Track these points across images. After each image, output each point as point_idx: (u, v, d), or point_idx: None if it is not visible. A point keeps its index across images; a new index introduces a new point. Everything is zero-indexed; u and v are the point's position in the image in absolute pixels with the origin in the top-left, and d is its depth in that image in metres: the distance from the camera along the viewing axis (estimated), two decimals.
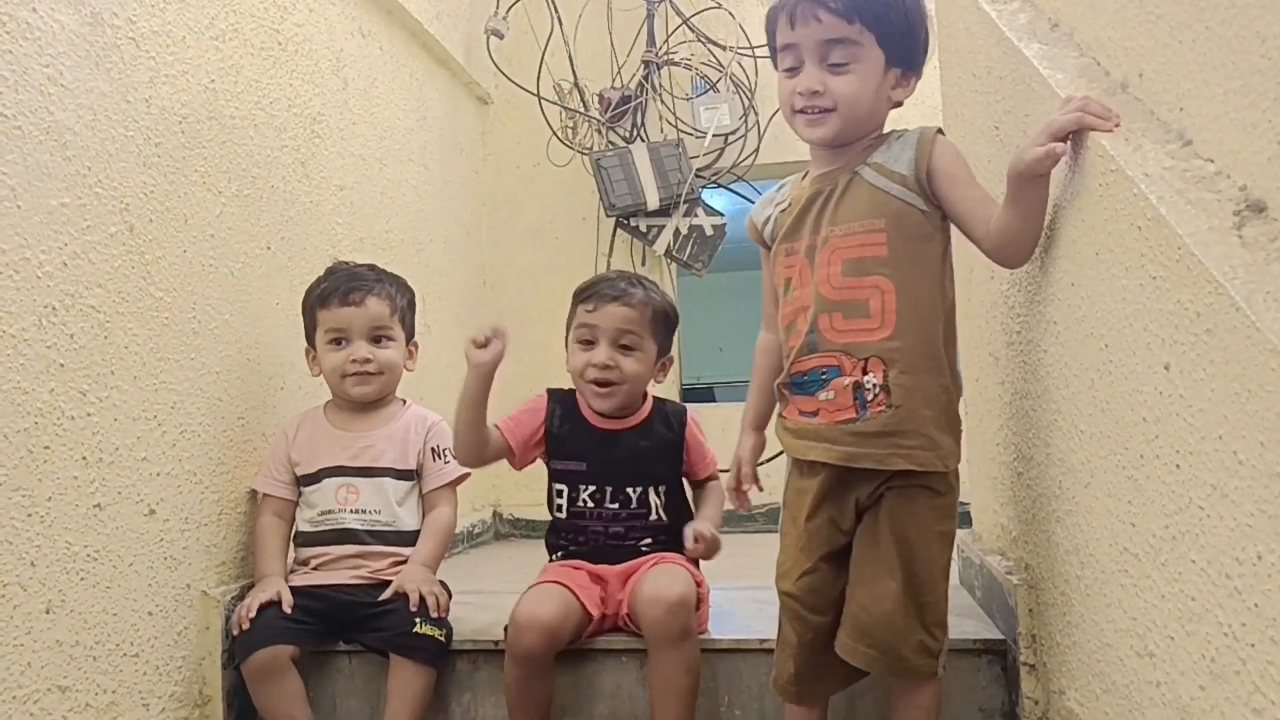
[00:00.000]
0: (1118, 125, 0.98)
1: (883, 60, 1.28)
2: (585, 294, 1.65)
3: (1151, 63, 0.99)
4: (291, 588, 1.62)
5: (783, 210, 1.40)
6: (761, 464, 1.54)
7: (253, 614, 1.55)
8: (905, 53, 1.30)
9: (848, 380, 1.26)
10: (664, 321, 1.67)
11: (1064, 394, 1.16)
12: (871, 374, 1.25)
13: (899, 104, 1.33)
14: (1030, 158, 1.09)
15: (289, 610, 1.57)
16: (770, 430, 1.53)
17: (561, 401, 1.70)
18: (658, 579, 1.51)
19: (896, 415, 1.24)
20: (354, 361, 1.71)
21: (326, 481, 1.70)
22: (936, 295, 1.28)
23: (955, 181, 1.26)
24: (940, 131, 1.31)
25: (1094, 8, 1.16)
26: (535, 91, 2.90)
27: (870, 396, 1.25)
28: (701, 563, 1.69)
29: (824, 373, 1.29)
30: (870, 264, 1.27)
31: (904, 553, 1.25)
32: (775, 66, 1.38)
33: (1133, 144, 0.95)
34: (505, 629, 1.52)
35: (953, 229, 1.31)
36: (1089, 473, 1.07)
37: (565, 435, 1.67)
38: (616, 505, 1.64)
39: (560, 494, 1.67)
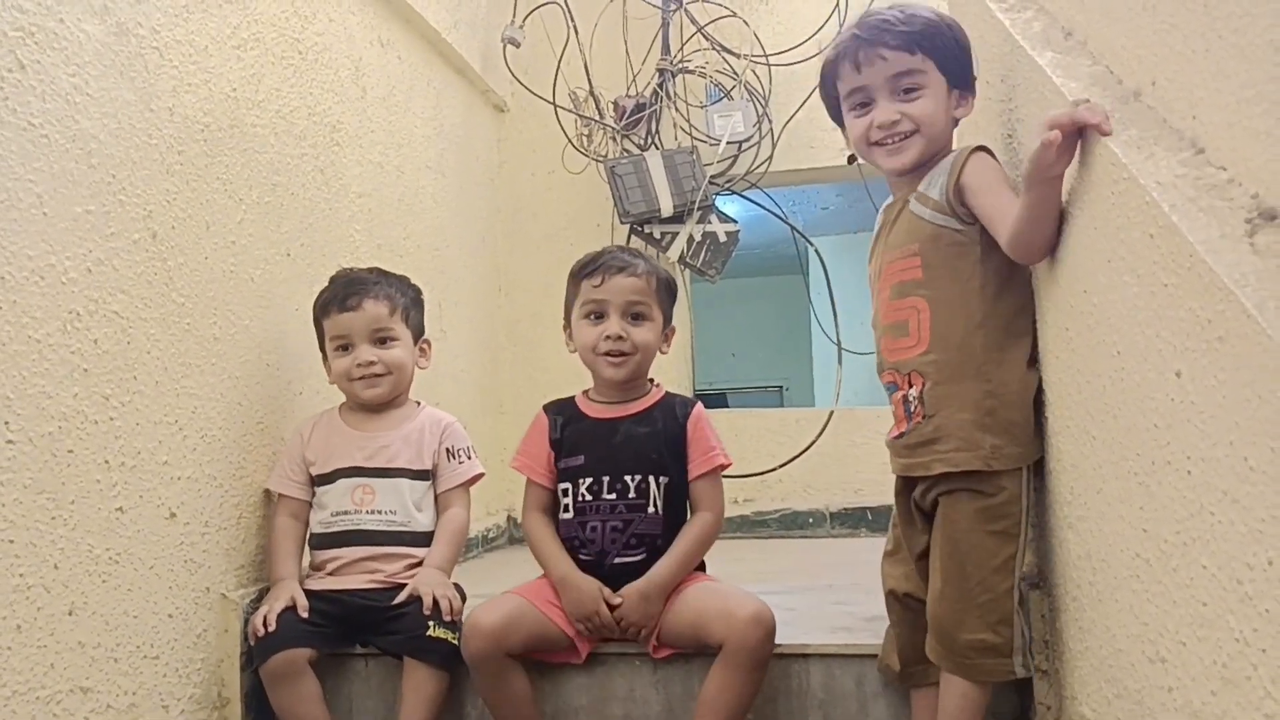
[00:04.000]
0: (1108, 132, 1.00)
1: (945, 83, 1.37)
2: (589, 270, 1.65)
3: (1164, 71, 0.99)
4: (307, 591, 1.64)
5: (877, 230, 1.51)
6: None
7: (272, 626, 1.56)
8: (962, 74, 1.40)
9: (900, 394, 1.37)
10: (667, 290, 1.68)
11: (1076, 400, 1.16)
12: (914, 387, 1.35)
13: (957, 123, 1.41)
14: (1031, 156, 1.11)
15: (305, 615, 1.59)
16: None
17: (560, 410, 1.70)
18: (747, 601, 1.49)
19: (931, 424, 1.33)
20: (359, 365, 1.72)
21: (341, 482, 1.71)
22: (974, 306, 1.32)
23: (978, 191, 1.30)
24: (982, 148, 1.35)
25: (1107, 16, 1.17)
26: (551, 99, 2.92)
27: (912, 409, 1.35)
28: (715, 569, 1.69)
29: (889, 389, 1.41)
30: (909, 286, 1.36)
31: (954, 553, 1.32)
32: (832, 115, 1.49)
33: (1145, 152, 0.95)
34: None
35: None
36: (1101, 479, 1.07)
37: (567, 436, 1.67)
38: (614, 495, 1.61)
39: (566, 493, 1.65)
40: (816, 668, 1.56)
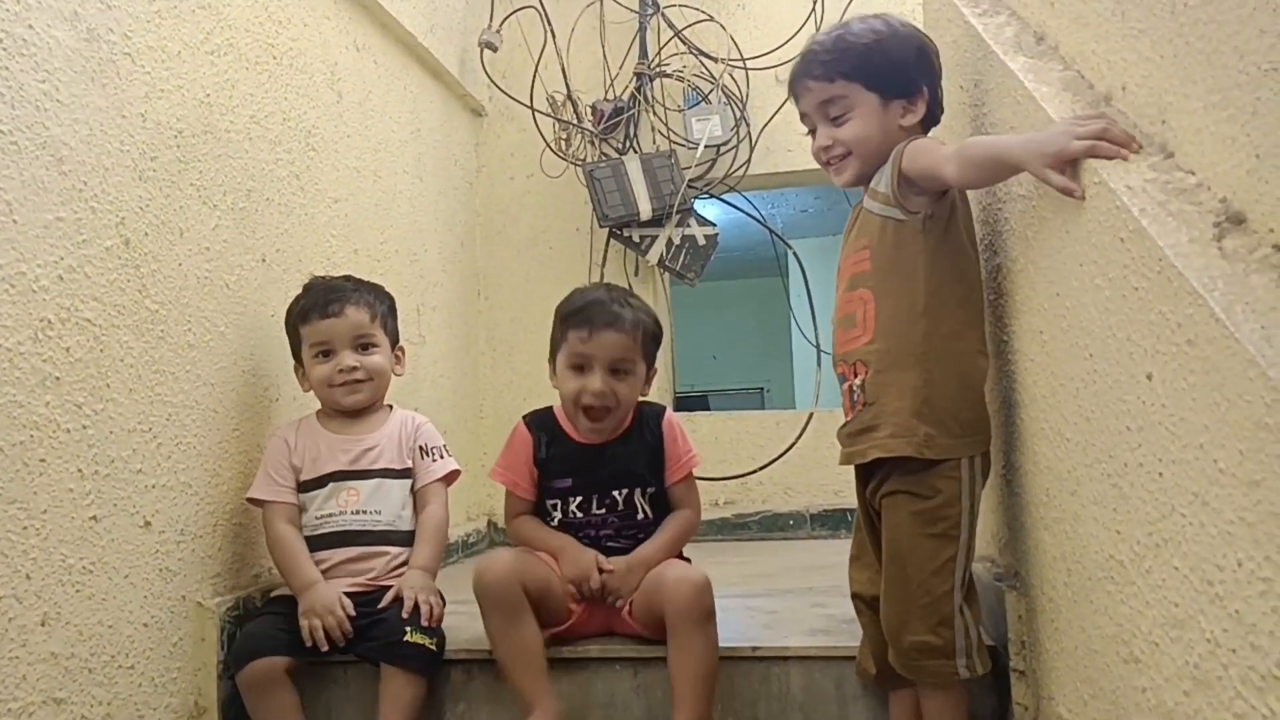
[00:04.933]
0: (1137, 150, 0.95)
1: (876, 100, 1.40)
2: (575, 319, 1.64)
3: (1134, 76, 1.00)
4: (287, 598, 1.63)
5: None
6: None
7: (349, 630, 1.58)
8: (898, 84, 1.41)
9: (847, 385, 1.40)
10: (653, 340, 1.70)
11: (1050, 402, 1.17)
12: (858, 376, 1.37)
13: (914, 125, 1.41)
14: (1042, 177, 1.06)
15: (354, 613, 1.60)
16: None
17: (542, 426, 1.72)
18: (678, 568, 1.57)
19: (869, 411, 1.35)
20: (341, 371, 1.72)
21: (330, 486, 1.71)
22: (918, 295, 1.34)
23: (915, 157, 1.33)
24: (919, 137, 1.39)
25: (1078, 22, 1.18)
26: (529, 103, 2.92)
27: (855, 398, 1.38)
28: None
29: (840, 380, 1.43)
30: (859, 279, 1.40)
31: (895, 557, 1.34)
32: None
33: (1115, 157, 0.96)
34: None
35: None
36: (1075, 480, 1.08)
37: (553, 457, 1.70)
38: (604, 510, 1.68)
39: (555, 508, 1.70)
40: (796, 670, 1.56)
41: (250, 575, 1.75)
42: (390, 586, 1.65)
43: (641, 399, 1.74)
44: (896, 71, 1.41)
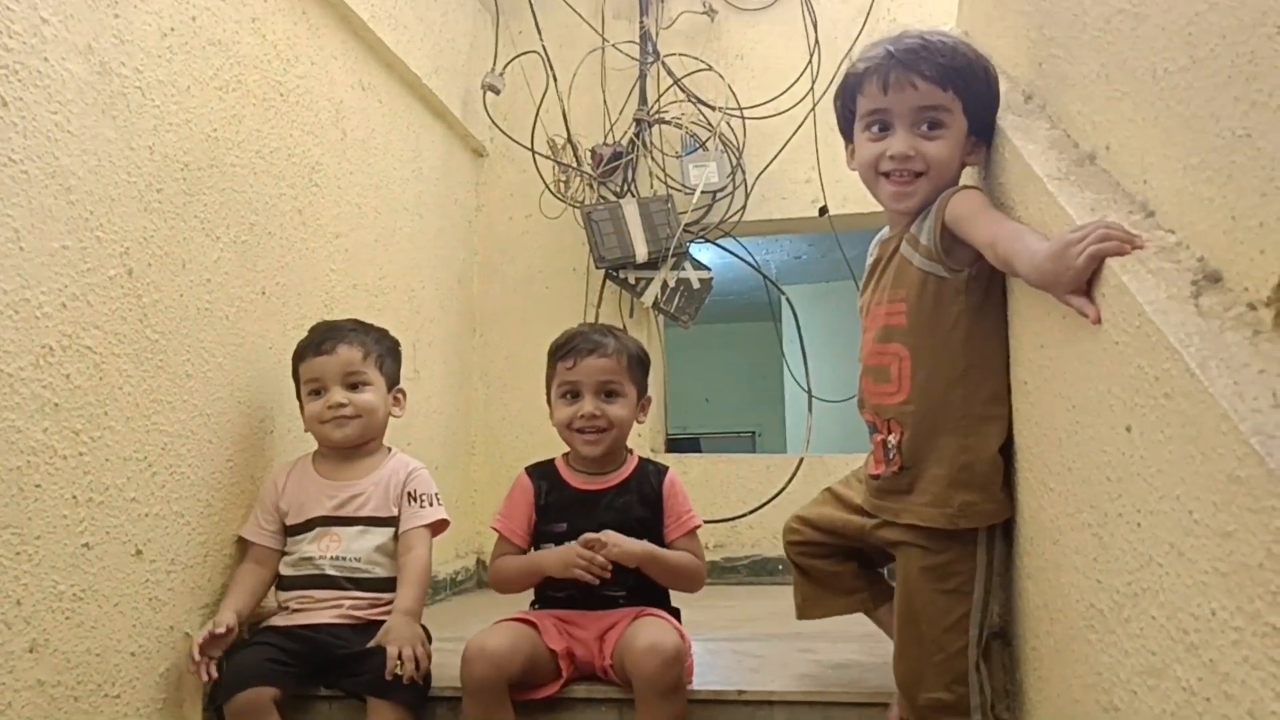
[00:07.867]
0: (1141, 246, 0.89)
1: (966, 127, 1.33)
2: (562, 352, 1.70)
3: (1118, 137, 1.04)
4: (274, 628, 1.64)
5: (871, 262, 1.48)
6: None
7: (196, 654, 1.55)
8: (984, 120, 1.35)
9: (880, 437, 1.37)
10: (639, 365, 1.73)
11: (1034, 452, 1.19)
12: (893, 434, 1.34)
13: (964, 172, 1.38)
14: (1064, 301, 0.98)
15: (220, 631, 1.56)
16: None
17: (544, 475, 1.74)
18: (651, 632, 1.52)
19: (907, 475, 1.33)
20: (330, 407, 1.74)
21: (316, 530, 1.73)
22: (957, 357, 1.30)
23: (961, 222, 1.26)
24: (966, 186, 1.34)
25: (1064, 82, 1.21)
26: (529, 146, 2.96)
27: (890, 455, 1.34)
28: (683, 615, 1.70)
29: (869, 428, 1.40)
30: (894, 332, 1.34)
31: (908, 612, 1.34)
32: (842, 128, 1.44)
33: (1098, 214, 0.99)
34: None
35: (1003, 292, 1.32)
36: (1057, 530, 1.10)
37: (551, 503, 1.72)
38: None
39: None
40: (781, 714, 1.56)
41: None
42: (375, 622, 1.65)
43: (649, 458, 1.77)
44: (990, 107, 1.34)
